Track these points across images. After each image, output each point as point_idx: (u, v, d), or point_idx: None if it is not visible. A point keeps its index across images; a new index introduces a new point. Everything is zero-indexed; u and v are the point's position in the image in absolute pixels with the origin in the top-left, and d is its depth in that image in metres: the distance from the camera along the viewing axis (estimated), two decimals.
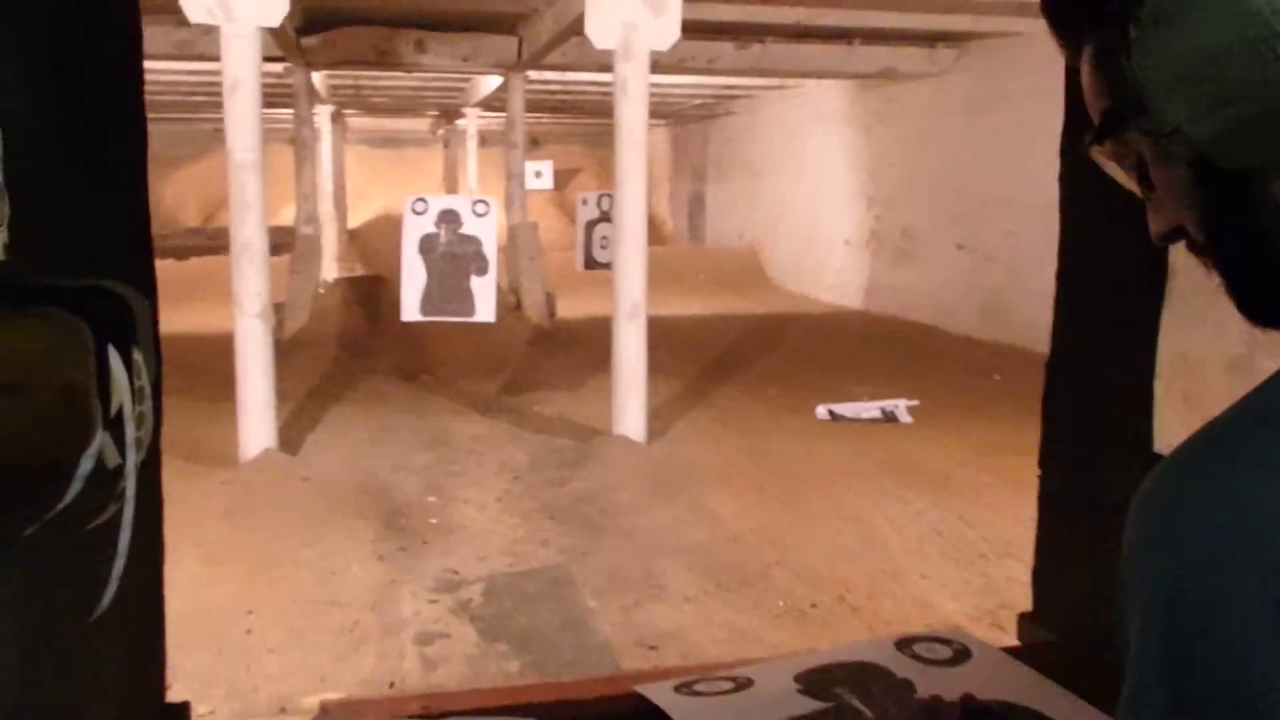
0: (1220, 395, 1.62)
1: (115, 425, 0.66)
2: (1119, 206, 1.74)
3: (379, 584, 3.77)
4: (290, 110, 10.60)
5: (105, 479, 0.71)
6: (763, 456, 5.50)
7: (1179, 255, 1.58)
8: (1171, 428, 1.57)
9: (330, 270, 12.09)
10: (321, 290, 10.19)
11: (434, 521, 4.51)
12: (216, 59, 5.13)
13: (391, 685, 3.05)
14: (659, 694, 1.35)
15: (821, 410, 6.32)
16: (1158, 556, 0.51)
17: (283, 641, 3.24)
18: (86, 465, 0.66)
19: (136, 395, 0.68)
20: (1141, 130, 0.59)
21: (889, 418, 6.26)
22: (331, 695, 2.88)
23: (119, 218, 1.13)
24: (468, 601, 3.67)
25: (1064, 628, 1.69)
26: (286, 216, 11.92)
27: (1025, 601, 1.80)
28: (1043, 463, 1.80)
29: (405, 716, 1.18)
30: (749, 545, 4.24)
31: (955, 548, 4.24)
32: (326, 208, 12.70)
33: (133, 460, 0.69)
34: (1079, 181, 1.76)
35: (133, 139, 1.18)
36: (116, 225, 1.11)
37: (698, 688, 1.38)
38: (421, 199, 5.50)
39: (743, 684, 1.40)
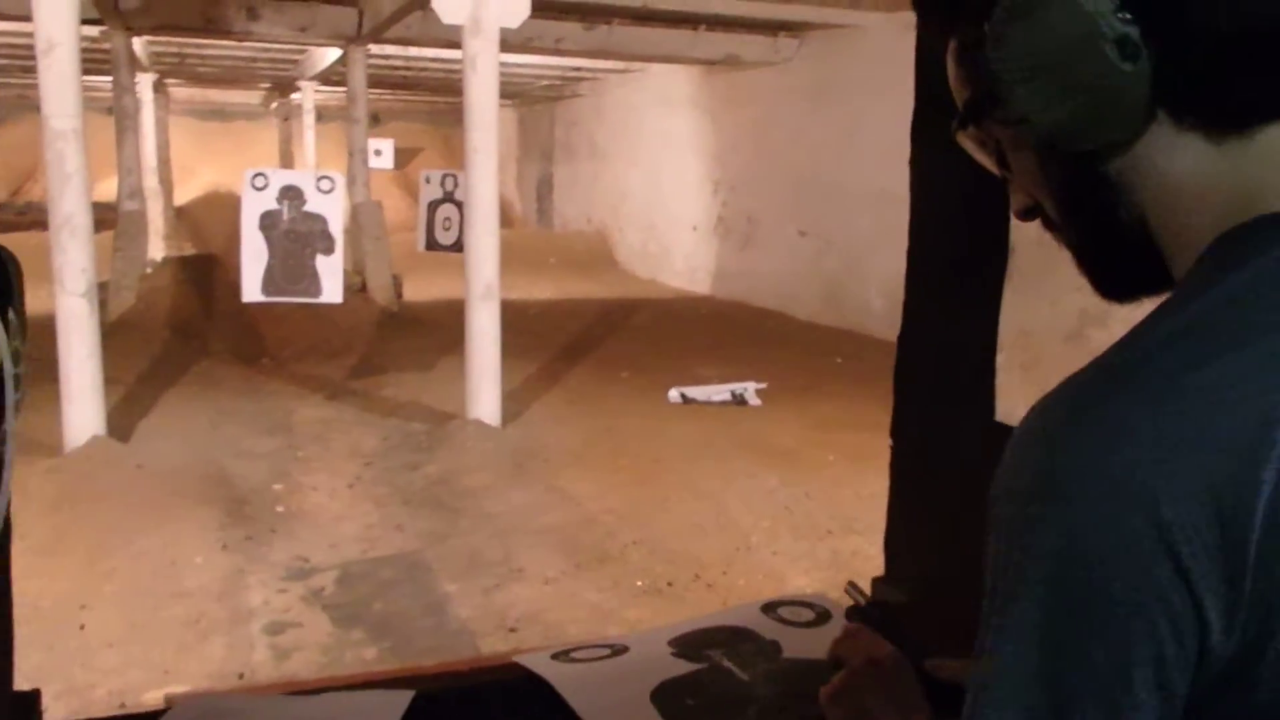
0: (1054, 366, 1.75)
1: None
2: (965, 189, 1.85)
3: (225, 574, 3.61)
4: (108, 78, 9.92)
5: None
6: (617, 438, 5.55)
7: (1018, 234, 1.70)
8: (1011, 396, 1.69)
9: (157, 249, 11.40)
10: (149, 270, 9.61)
11: (281, 509, 4.35)
12: (20, 18, 4.74)
13: (241, 676, 2.94)
14: (537, 662, 1.36)
15: (674, 393, 6.43)
16: (1043, 506, 0.53)
17: (121, 635, 3.07)
18: None
19: (15, 357, 0.64)
20: (995, 119, 0.65)
21: (738, 400, 6.43)
22: (177, 688, 2.75)
23: None
24: (320, 590, 3.57)
25: (915, 588, 1.80)
26: (105, 192, 11.16)
27: (870, 574, 1.91)
28: (894, 432, 1.90)
29: (281, 694, 1.14)
30: (606, 526, 4.29)
31: (803, 524, 4.41)
32: (151, 183, 11.95)
33: (11, 425, 0.65)
34: (928, 165, 1.87)
35: None
36: None
37: (575, 655, 1.40)
38: (261, 173, 5.26)
39: (619, 650, 1.43)
